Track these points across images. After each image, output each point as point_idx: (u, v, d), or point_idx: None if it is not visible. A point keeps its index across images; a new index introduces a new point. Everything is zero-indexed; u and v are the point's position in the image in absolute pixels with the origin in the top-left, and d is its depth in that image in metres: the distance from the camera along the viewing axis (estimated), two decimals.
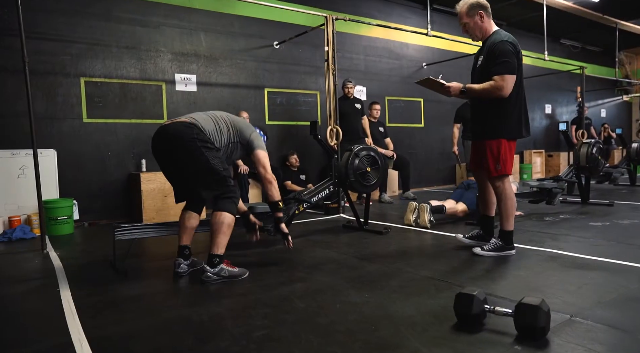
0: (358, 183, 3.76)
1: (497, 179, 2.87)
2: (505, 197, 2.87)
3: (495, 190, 2.89)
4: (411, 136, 7.85)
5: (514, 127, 2.83)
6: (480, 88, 2.79)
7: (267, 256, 3.13)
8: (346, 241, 3.57)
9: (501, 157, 2.81)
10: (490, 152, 2.83)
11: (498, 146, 2.81)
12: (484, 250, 2.92)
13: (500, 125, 2.81)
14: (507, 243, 2.92)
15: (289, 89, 6.35)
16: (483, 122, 2.88)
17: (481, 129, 2.91)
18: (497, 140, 2.82)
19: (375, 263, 2.81)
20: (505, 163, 2.82)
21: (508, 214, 2.88)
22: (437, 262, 2.82)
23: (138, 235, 2.91)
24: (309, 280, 2.49)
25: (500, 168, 2.82)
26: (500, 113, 2.80)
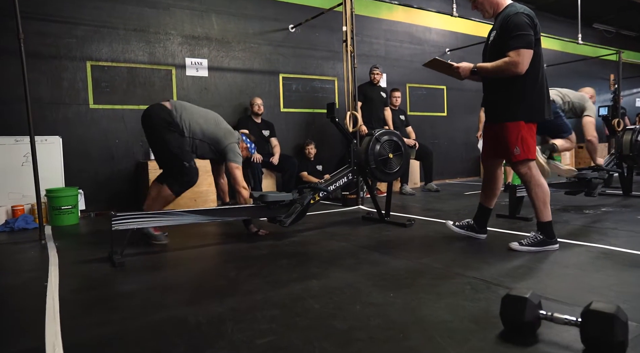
0: (379, 171, 3.44)
1: (520, 165, 2.56)
2: (534, 184, 2.56)
3: (522, 177, 2.60)
4: (434, 125, 7.46)
5: (534, 108, 2.53)
6: (493, 66, 2.50)
7: (279, 249, 2.84)
8: (366, 234, 3.26)
9: (520, 140, 2.52)
10: (509, 136, 2.54)
11: (517, 129, 2.52)
12: (523, 245, 2.57)
13: (518, 106, 2.52)
14: (549, 236, 2.58)
15: (305, 75, 6.04)
16: (498, 103, 2.60)
17: (496, 111, 2.63)
18: (515, 123, 2.53)
19: (399, 259, 2.49)
20: (526, 147, 2.53)
21: (541, 203, 2.56)
22: (468, 257, 2.49)
23: (137, 225, 2.66)
24: (324, 276, 2.19)
25: (520, 152, 2.53)
26: (518, 92, 2.51)
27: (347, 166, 3.51)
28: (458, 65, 2.64)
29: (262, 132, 5.35)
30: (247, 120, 5.28)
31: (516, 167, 2.59)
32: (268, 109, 5.67)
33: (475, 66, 2.59)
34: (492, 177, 2.84)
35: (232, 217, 3.01)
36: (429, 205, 4.71)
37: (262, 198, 3.03)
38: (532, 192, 2.57)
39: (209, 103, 5.28)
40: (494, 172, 2.83)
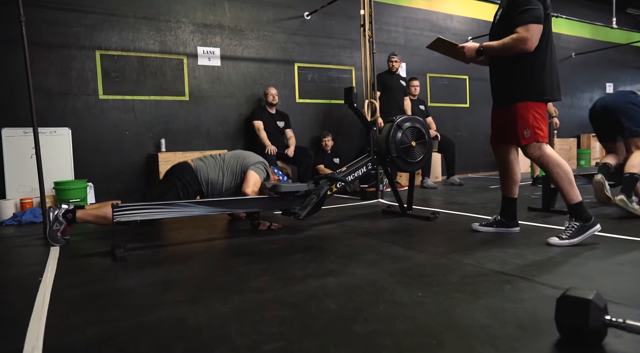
0: (401, 160, 3.19)
1: (531, 148, 2.38)
2: (552, 165, 2.35)
3: (537, 161, 2.41)
4: (455, 117, 7.15)
5: (544, 87, 2.35)
6: (500, 44, 2.33)
7: (292, 243, 2.63)
8: (387, 227, 3.02)
9: (530, 122, 2.35)
10: (518, 118, 2.38)
11: (526, 109, 2.36)
12: (563, 239, 2.30)
13: (526, 85, 2.35)
14: (586, 219, 2.31)
15: (322, 64, 5.82)
16: (505, 84, 2.44)
17: (504, 93, 2.47)
18: (524, 103, 2.36)
19: (425, 253, 2.25)
20: (536, 129, 2.35)
21: (566, 183, 2.33)
22: (502, 252, 2.23)
23: (141, 216, 2.48)
24: (343, 273, 1.97)
25: (531, 134, 2.35)
26: (526, 71, 2.34)
27: (366, 155, 3.27)
28: (463, 45, 2.47)
29: (277, 124, 5.14)
30: (261, 111, 5.08)
31: (527, 150, 2.40)
32: (283, 100, 5.46)
33: (481, 46, 2.41)
34: (507, 165, 2.64)
35: (243, 209, 2.80)
36: (452, 198, 4.44)
37: (276, 189, 2.82)
38: (553, 173, 2.35)
39: (221, 93, 5.10)
40: (507, 159, 2.63)
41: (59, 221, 2.70)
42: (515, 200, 2.68)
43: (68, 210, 2.73)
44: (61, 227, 2.71)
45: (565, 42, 8.57)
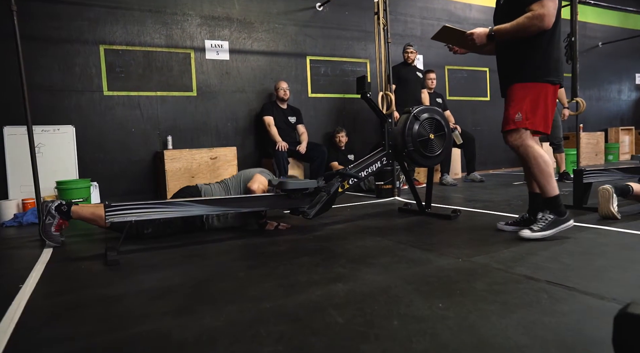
0: (418, 154, 2.94)
1: (513, 134, 2.23)
2: (532, 156, 2.20)
3: (517, 150, 2.25)
4: (475, 111, 6.84)
5: (550, 66, 2.18)
6: (514, 25, 2.13)
7: (300, 245, 2.42)
8: (404, 227, 2.78)
9: (526, 104, 2.17)
10: (512, 98, 2.21)
11: (524, 90, 2.19)
12: (535, 232, 2.21)
13: (528, 64, 2.18)
14: (559, 213, 2.23)
15: (335, 57, 5.59)
16: (510, 66, 2.27)
17: (504, 76, 2.31)
18: (523, 84, 2.19)
19: (445, 256, 2.01)
20: (531, 113, 2.17)
21: (545, 176, 2.21)
22: (534, 254, 1.97)
23: (136, 216, 2.30)
24: (353, 279, 1.75)
25: (522, 119, 2.17)
26: (530, 50, 2.17)
27: (380, 149, 3.04)
28: (472, 32, 2.27)
29: (288, 119, 4.94)
30: (272, 106, 4.88)
31: (508, 137, 2.26)
32: (295, 94, 5.26)
33: (492, 30, 2.21)
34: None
35: (247, 208, 2.60)
36: (474, 196, 4.17)
37: (282, 186, 2.61)
38: (533, 165, 2.22)
39: (230, 88, 4.92)
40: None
41: (51, 214, 2.54)
42: (538, 194, 2.41)
43: (62, 203, 2.58)
44: (54, 220, 2.55)
45: (592, 31, 8.16)
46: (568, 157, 6.08)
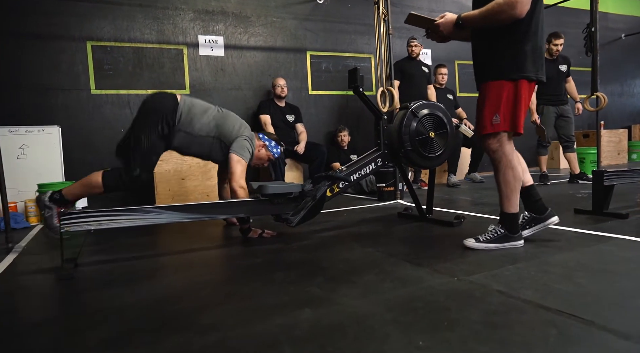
0: (417, 154, 2.66)
1: (491, 138, 2.01)
2: (505, 165, 2.02)
3: (492, 154, 2.05)
4: None
5: (527, 62, 1.94)
6: (483, 11, 1.90)
7: (281, 256, 2.16)
8: (400, 235, 2.50)
9: (503, 105, 1.95)
10: (487, 98, 1.99)
11: (500, 89, 1.95)
12: (480, 242, 2.06)
13: (504, 59, 1.94)
14: (512, 230, 2.07)
15: (337, 52, 5.32)
16: (484, 60, 2.02)
17: (481, 70, 2.05)
18: (499, 82, 1.96)
19: (440, 274, 1.73)
20: (509, 114, 1.96)
21: (510, 190, 2.03)
22: (544, 271, 1.68)
23: (95, 225, 2.07)
24: (326, 303, 1.48)
25: (500, 121, 1.96)
26: (506, 43, 1.94)
27: (375, 149, 2.76)
28: (438, 22, 2.05)
29: (286, 117, 4.69)
30: (269, 104, 4.64)
31: (487, 140, 2.03)
32: (294, 92, 5.01)
33: (460, 17, 1.98)
34: None
35: (223, 215, 2.35)
36: (482, 198, 3.85)
37: (262, 190, 2.36)
38: (502, 175, 2.03)
39: (225, 86, 4.70)
40: None
41: (47, 206, 2.41)
42: (533, 187, 2.24)
43: (53, 191, 2.45)
44: (52, 211, 2.42)
45: (614, 22, 7.71)
46: (588, 156, 5.69)
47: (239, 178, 2.56)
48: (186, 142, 2.61)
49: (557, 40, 4.51)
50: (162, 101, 2.53)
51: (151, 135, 2.45)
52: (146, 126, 2.47)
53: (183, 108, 2.55)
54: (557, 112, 4.63)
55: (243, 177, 2.59)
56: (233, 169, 2.58)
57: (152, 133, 2.46)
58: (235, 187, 2.53)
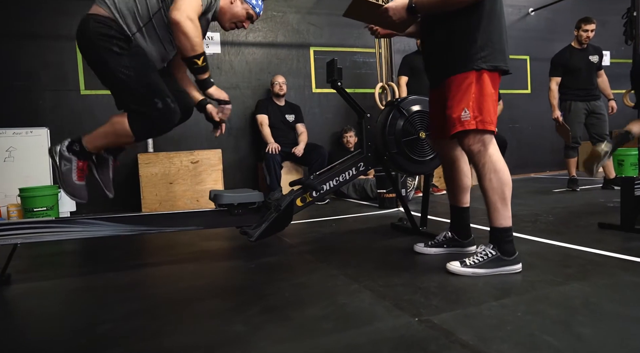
0: (404, 158, 2.30)
1: (470, 138, 1.71)
2: (489, 169, 1.71)
3: (472, 158, 1.75)
4: (512, 106, 5.96)
5: (493, 51, 1.70)
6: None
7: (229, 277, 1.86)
8: (380, 253, 2.15)
9: (471, 99, 1.68)
10: (453, 93, 1.72)
11: (467, 81, 1.69)
12: (467, 267, 1.70)
13: (468, 49, 1.69)
14: (506, 252, 1.72)
15: (343, 48, 4.98)
16: (445, 52, 1.77)
17: (443, 63, 1.79)
18: (464, 74, 1.70)
19: (400, 311, 1.37)
20: (479, 109, 1.68)
21: (498, 197, 1.71)
22: (535, 314, 1.29)
23: (23, 239, 1.83)
24: (240, 347, 1.17)
25: (470, 117, 1.67)
26: (468, 30, 1.69)
27: (358, 152, 2.42)
28: (387, 6, 1.75)
29: (286, 117, 4.40)
30: (267, 103, 4.36)
31: (463, 141, 1.73)
32: (297, 90, 4.71)
33: (412, 1, 1.71)
34: (452, 164, 2.02)
35: (175, 227, 2.07)
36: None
37: (217, 200, 2.07)
38: (485, 180, 1.72)
39: (222, 85, 4.44)
40: (451, 157, 2.01)
41: (65, 157, 1.88)
42: (467, 210, 2.06)
43: (71, 139, 1.94)
44: (71, 165, 1.89)
45: None
46: (627, 158, 5.09)
47: (185, 5, 1.74)
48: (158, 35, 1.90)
49: (588, 26, 4.00)
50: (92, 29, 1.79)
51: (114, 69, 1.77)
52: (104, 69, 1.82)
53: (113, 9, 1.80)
54: (588, 108, 4.10)
55: (194, 10, 1.77)
56: (180, 1, 1.76)
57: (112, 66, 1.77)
58: (179, 16, 1.72)
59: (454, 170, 2.03)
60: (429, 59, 1.90)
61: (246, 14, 2.08)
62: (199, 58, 1.81)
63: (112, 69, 1.78)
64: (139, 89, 1.80)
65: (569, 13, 5.80)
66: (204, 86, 1.92)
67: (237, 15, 2.06)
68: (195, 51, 1.79)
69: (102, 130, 1.92)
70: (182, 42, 1.77)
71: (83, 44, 1.86)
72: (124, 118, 1.84)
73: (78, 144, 1.92)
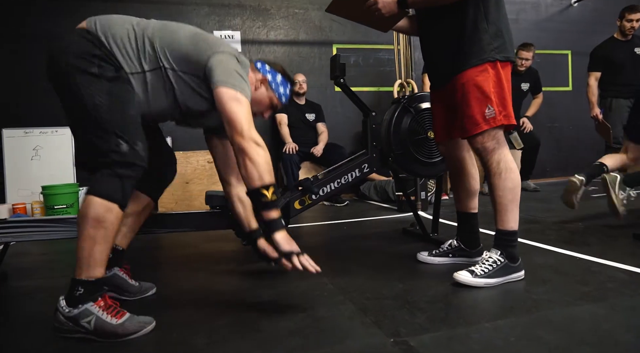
0: (410, 160, 2.14)
1: (485, 137, 1.57)
2: (504, 168, 1.58)
3: (488, 156, 1.60)
4: (552, 104, 5.58)
5: (505, 41, 1.59)
6: None
7: (208, 283, 1.78)
8: (382, 261, 2.00)
9: (493, 94, 1.55)
10: (471, 89, 1.56)
11: (486, 75, 1.55)
12: (477, 277, 1.55)
13: (481, 40, 1.56)
14: (512, 257, 1.60)
15: (367, 44, 4.82)
16: (445, 48, 1.64)
17: (449, 59, 1.63)
18: (481, 67, 1.55)
19: (376, 329, 1.23)
20: (507, 104, 1.57)
21: (509, 199, 1.60)
22: (530, 340, 1.12)
23: (14, 238, 1.83)
24: None
25: (495, 113, 1.55)
26: (477, 18, 1.56)
27: (362, 152, 2.28)
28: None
29: (306, 116, 4.30)
30: (287, 102, 4.27)
31: (476, 138, 1.58)
32: (318, 89, 4.61)
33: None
34: (460, 167, 1.86)
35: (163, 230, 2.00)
36: (528, 211, 3.17)
37: (210, 201, 2.00)
38: (500, 180, 1.58)
39: None
40: (460, 159, 1.85)
41: (78, 319, 1.23)
42: (476, 216, 1.90)
43: (66, 294, 1.27)
44: (93, 316, 1.24)
45: None
46: None
47: (245, 126, 1.36)
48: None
49: (632, 15, 3.66)
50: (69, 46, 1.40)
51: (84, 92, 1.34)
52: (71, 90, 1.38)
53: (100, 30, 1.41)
54: (632, 106, 3.75)
55: (252, 124, 1.38)
56: (229, 113, 1.36)
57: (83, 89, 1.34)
58: (244, 144, 1.35)
59: (462, 173, 1.87)
60: (430, 57, 1.75)
61: (269, 103, 1.69)
62: (267, 188, 1.36)
63: (85, 93, 1.34)
64: (107, 121, 1.32)
65: (616, 3, 5.36)
66: (271, 228, 1.39)
67: (260, 103, 1.66)
68: (264, 181, 1.35)
69: (84, 251, 1.25)
70: (249, 171, 1.35)
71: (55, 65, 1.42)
72: (87, 202, 1.27)
73: (82, 286, 1.25)
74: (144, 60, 1.42)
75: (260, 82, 1.64)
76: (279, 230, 1.38)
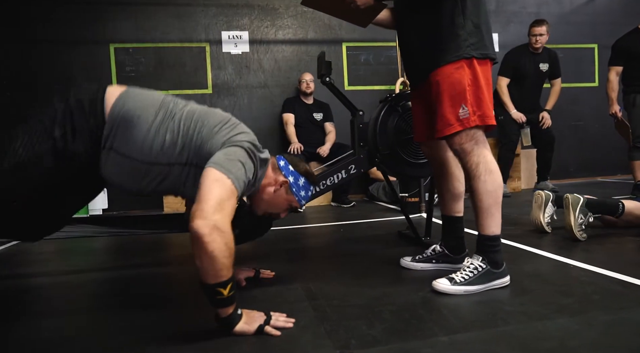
0: (397, 160, 2.06)
1: (462, 137, 1.50)
2: (483, 170, 1.50)
3: (465, 157, 1.52)
4: (577, 100, 5.32)
5: (483, 39, 1.51)
6: None
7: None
8: (368, 264, 1.93)
9: (468, 92, 1.47)
10: (446, 86, 1.49)
11: (461, 72, 1.48)
12: (456, 284, 1.47)
13: (460, 37, 1.48)
14: (495, 263, 1.51)
15: (378, 42, 4.72)
16: (427, 43, 1.55)
17: (425, 56, 1.56)
18: (457, 63, 1.48)
19: (329, 341, 1.17)
20: (483, 103, 1.48)
21: (492, 201, 1.51)
22: None
23: None
24: None
25: (469, 113, 1.47)
26: (455, 12, 1.49)
27: (349, 153, 2.22)
28: None
29: (313, 116, 4.25)
30: (294, 102, 4.25)
31: (453, 139, 1.51)
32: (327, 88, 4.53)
33: None
34: (443, 168, 1.78)
35: (145, 230, 2.00)
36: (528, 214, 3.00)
37: None
38: (480, 182, 1.50)
39: (250, 84, 4.42)
40: (443, 159, 1.77)
41: None
42: (461, 220, 1.81)
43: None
44: None
45: None
46: None
47: (212, 208, 1.13)
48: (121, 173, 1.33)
49: None
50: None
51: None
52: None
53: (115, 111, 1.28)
54: None
55: (223, 210, 1.16)
56: (203, 190, 1.17)
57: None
58: (202, 229, 1.10)
59: (445, 175, 1.79)
60: (407, 55, 1.69)
61: (287, 206, 1.59)
62: (224, 286, 1.17)
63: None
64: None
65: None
66: (229, 325, 1.22)
67: (277, 206, 1.58)
68: (220, 277, 1.16)
69: None
70: (205, 266, 1.14)
71: None
72: None
73: None
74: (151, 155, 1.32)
75: (281, 185, 1.53)
76: (237, 324, 1.22)
